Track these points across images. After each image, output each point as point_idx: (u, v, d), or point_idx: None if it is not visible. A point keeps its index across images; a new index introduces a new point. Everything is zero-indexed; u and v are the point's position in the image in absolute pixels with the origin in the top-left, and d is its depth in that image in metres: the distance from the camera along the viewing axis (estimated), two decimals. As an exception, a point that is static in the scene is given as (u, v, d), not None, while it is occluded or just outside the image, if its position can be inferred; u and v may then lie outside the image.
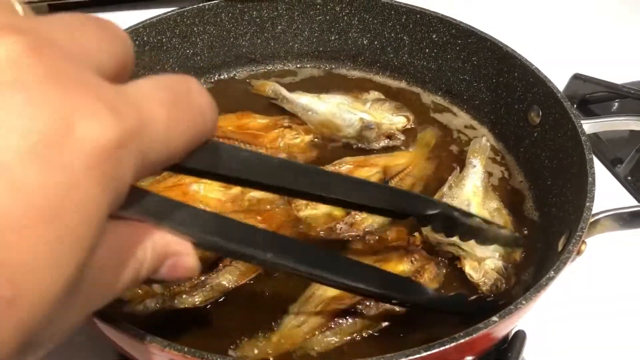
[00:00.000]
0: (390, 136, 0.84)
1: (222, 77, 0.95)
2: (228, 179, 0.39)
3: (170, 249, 0.32)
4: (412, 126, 0.86)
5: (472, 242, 0.62)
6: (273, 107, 0.88)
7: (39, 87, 0.22)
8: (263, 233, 0.42)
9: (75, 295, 0.25)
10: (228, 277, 0.64)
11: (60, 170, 0.22)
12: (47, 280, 0.23)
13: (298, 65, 0.99)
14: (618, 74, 1.07)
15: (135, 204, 0.30)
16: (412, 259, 0.65)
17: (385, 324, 0.61)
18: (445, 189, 0.75)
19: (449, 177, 0.77)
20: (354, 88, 0.93)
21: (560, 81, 1.00)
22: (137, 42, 0.84)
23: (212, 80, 0.95)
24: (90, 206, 0.23)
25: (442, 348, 0.48)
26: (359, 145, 0.83)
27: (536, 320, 0.66)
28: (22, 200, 0.21)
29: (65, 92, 0.23)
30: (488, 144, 0.83)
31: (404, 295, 0.54)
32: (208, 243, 0.36)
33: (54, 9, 0.94)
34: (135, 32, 0.83)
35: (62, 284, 0.23)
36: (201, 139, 0.31)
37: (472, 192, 0.74)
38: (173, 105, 0.28)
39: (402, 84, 0.96)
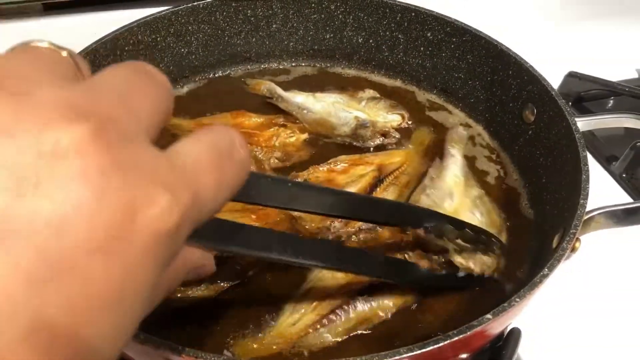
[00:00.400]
0: (385, 134, 0.84)
1: (216, 75, 0.95)
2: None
3: (199, 262, 0.36)
4: (408, 124, 0.86)
5: None
6: (268, 106, 0.88)
7: (102, 179, 0.22)
8: (278, 236, 0.48)
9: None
10: (223, 276, 0.64)
11: (123, 260, 0.22)
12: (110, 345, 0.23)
13: (293, 64, 0.99)
14: (613, 72, 1.07)
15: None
16: (406, 256, 0.66)
17: (379, 321, 0.61)
18: (426, 180, 0.75)
19: (429, 169, 0.77)
20: (349, 86, 0.93)
21: (555, 79, 1.00)
22: (131, 41, 0.84)
23: (207, 79, 0.95)
24: (146, 282, 0.24)
25: (436, 346, 0.48)
26: (354, 143, 0.83)
27: (531, 317, 0.66)
28: (90, 290, 0.22)
29: (125, 181, 0.23)
30: (465, 132, 0.84)
31: (398, 276, 0.60)
32: (230, 252, 0.42)
33: (48, 8, 0.94)
34: (129, 31, 0.83)
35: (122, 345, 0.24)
36: (240, 187, 0.31)
37: (453, 182, 0.74)
38: (221, 168, 0.28)
39: (397, 83, 0.96)
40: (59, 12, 0.96)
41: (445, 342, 0.48)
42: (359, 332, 0.61)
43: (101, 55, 0.79)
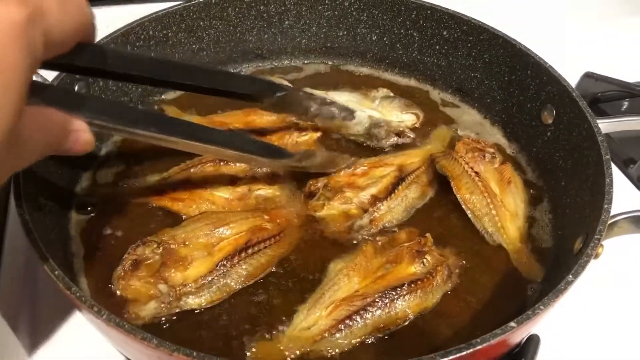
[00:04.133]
0: (399, 134, 0.82)
1: (228, 72, 0.94)
2: (115, 76, 0.52)
3: (71, 126, 0.45)
4: (421, 124, 0.85)
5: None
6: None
7: None
8: (145, 113, 0.57)
9: (10, 151, 0.37)
10: (235, 278, 0.63)
11: None
12: (2, 120, 0.34)
13: (305, 61, 0.97)
14: (629, 73, 1.05)
15: (45, 95, 0.43)
16: (424, 260, 0.64)
17: (395, 327, 0.60)
18: None
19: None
20: (362, 85, 0.91)
21: (571, 79, 0.98)
22: (142, 37, 0.82)
23: (218, 75, 0.93)
24: (17, 66, 0.35)
25: (458, 355, 0.46)
26: (368, 143, 0.81)
27: (550, 324, 0.65)
28: None
29: None
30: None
31: (270, 157, 0.68)
32: (98, 122, 0.49)
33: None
34: (140, 25, 0.82)
35: (5, 131, 0.35)
36: (86, 31, 0.44)
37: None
38: (62, 2, 0.39)
39: (412, 81, 0.95)
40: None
41: (468, 351, 0.46)
42: (375, 337, 0.59)
43: (112, 50, 0.77)
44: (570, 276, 0.53)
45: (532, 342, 0.63)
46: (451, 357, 0.46)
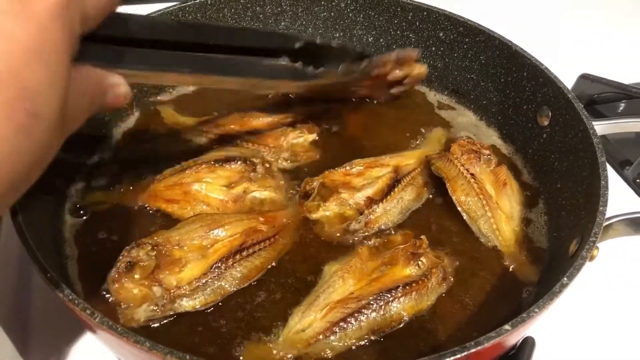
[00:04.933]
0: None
1: (224, 74, 0.93)
2: (138, 43, 0.50)
3: (108, 81, 0.45)
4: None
5: None
6: (276, 106, 0.86)
7: None
8: (178, 55, 0.54)
9: (60, 123, 0.37)
10: (229, 280, 0.62)
11: (34, 21, 0.33)
12: (52, 99, 0.35)
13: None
14: (625, 75, 1.05)
15: (83, 54, 0.41)
16: (419, 262, 0.64)
17: (390, 329, 0.60)
18: None
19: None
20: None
21: (567, 81, 0.98)
22: (137, 38, 0.82)
23: (214, 77, 0.93)
24: (60, 43, 0.35)
25: (453, 358, 0.46)
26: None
27: (546, 326, 0.65)
28: (14, 45, 0.32)
29: None
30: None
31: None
32: (135, 72, 0.50)
33: None
34: (135, 27, 0.81)
35: (60, 104, 0.36)
36: (113, 3, 0.44)
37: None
38: None
39: (408, 83, 0.94)
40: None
41: (462, 354, 0.46)
42: (372, 339, 0.59)
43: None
44: (565, 279, 0.53)
45: (528, 344, 0.63)
46: (447, 360, 0.46)
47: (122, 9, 0.47)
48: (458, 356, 0.46)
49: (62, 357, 0.63)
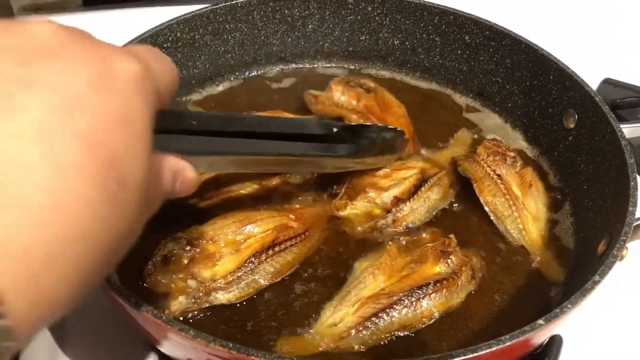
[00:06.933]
0: None
1: (252, 74, 0.95)
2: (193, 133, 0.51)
3: (177, 166, 0.44)
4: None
5: None
6: (304, 107, 0.88)
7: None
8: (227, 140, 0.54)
9: (145, 201, 0.36)
10: (263, 275, 0.64)
11: (119, 93, 0.33)
12: (138, 168, 0.34)
13: (327, 65, 0.99)
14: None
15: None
16: (449, 260, 0.65)
17: (421, 325, 0.61)
18: None
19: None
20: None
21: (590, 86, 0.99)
22: (170, 39, 0.84)
23: (242, 77, 0.95)
24: (142, 113, 0.35)
25: (488, 350, 0.47)
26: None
27: (571, 326, 0.65)
28: (103, 116, 0.32)
29: (98, 50, 0.34)
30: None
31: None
32: (198, 160, 0.49)
33: (88, 3, 0.94)
34: (168, 28, 0.83)
35: (144, 174, 0.35)
36: (175, 84, 0.43)
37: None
38: (157, 60, 0.40)
39: (433, 85, 0.96)
40: (98, 7, 0.96)
41: (498, 347, 0.47)
42: (402, 334, 0.60)
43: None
44: (597, 276, 0.54)
45: (555, 342, 0.63)
46: (480, 353, 0.47)
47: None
48: (493, 349, 0.47)
49: (99, 346, 0.65)
